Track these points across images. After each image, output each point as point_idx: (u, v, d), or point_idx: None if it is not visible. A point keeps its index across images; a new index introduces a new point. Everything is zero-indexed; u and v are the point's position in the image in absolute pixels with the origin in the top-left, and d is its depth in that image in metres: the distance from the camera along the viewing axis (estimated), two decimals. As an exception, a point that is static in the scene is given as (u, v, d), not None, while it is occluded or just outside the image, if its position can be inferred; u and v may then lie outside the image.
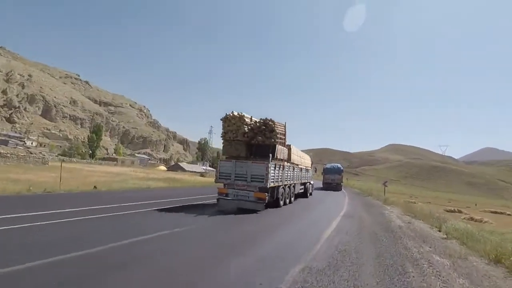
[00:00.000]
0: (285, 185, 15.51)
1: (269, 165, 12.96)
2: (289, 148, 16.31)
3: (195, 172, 59.16)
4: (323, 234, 8.67)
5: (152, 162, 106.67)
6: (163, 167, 73.04)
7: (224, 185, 13.77)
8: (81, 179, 23.08)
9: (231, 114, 14.08)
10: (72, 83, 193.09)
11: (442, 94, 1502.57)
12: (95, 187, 17.53)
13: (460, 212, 28.12)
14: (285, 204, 15.67)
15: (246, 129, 13.84)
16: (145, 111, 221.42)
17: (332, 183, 38.21)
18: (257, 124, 14.07)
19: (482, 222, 20.48)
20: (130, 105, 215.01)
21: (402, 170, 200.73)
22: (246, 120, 14.07)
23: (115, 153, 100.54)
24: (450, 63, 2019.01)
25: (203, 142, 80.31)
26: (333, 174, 39.16)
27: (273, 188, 13.82)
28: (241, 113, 14.27)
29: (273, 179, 13.59)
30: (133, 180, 26.05)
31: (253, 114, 14.85)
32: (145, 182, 25.52)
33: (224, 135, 14.22)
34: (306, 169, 22.18)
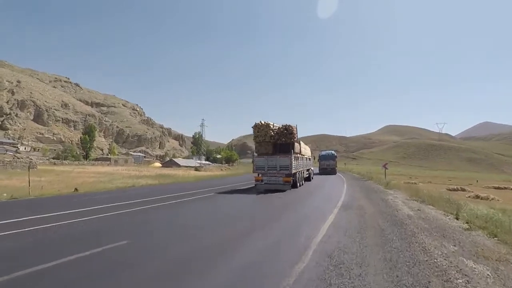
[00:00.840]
0: (299, 171, 20.92)
1: (292, 157, 18.41)
2: (299, 143, 21.13)
3: (189, 166, 57.76)
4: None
5: (148, 159, 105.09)
6: (158, 164, 71.59)
7: (258, 174, 19.08)
8: (67, 181, 22.14)
9: (260, 123, 19.56)
10: (62, 86, 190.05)
11: (436, 72, 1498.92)
12: (76, 189, 16.33)
13: (463, 190, 26.98)
14: (301, 185, 21.20)
15: (272, 133, 19.47)
16: (138, 109, 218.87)
17: (327, 168, 42.65)
18: (280, 129, 19.76)
19: (488, 200, 19.26)
20: (122, 104, 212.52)
21: (400, 151, 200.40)
22: (271, 126, 19.61)
23: (109, 153, 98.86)
24: (442, 41, 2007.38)
25: (197, 136, 78.61)
26: (327, 160, 43.43)
27: (294, 173, 18.88)
28: (267, 121, 19.74)
29: (294, 167, 18.87)
30: (122, 179, 24.73)
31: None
32: (134, 180, 24.24)
33: (255, 138, 19.82)
34: (308, 158, 27.35)
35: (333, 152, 46.43)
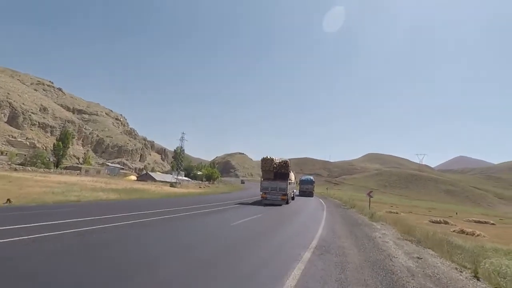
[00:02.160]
0: (290, 192, 28.81)
1: (287, 183, 26.52)
2: (290, 172, 29.09)
3: (166, 182, 55.06)
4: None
5: (125, 171, 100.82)
6: (133, 177, 68.22)
7: (264, 192, 26.53)
8: (14, 190, 19.53)
9: (266, 157, 27.87)
10: (44, 90, 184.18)
11: (417, 105, 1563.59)
12: (8, 200, 13.99)
13: (446, 223, 26.15)
14: (291, 201, 29.90)
15: (274, 165, 27.32)
16: (121, 119, 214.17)
17: (306, 191, 49.33)
18: (281, 163, 27.55)
19: (474, 235, 18.23)
20: (105, 113, 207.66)
21: (382, 178, 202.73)
22: (274, 160, 27.54)
23: (84, 162, 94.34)
24: (425, 74, 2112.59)
25: (178, 150, 76.13)
26: (307, 184, 50.44)
27: (287, 193, 26.33)
28: (271, 156, 27.94)
29: (288, 189, 26.49)
30: (80, 192, 22.34)
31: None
32: (94, 194, 21.97)
33: (262, 168, 27.78)
34: (294, 182, 35.97)
35: (311, 178, 53.71)
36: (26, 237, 7.44)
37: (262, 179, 27.44)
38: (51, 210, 12.91)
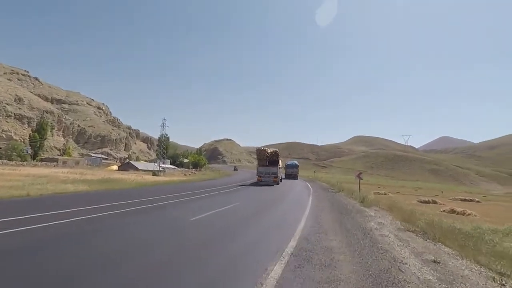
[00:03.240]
0: (279, 176, 34.95)
1: (277, 168, 33.38)
2: (279, 159, 35.85)
3: (149, 170, 53.15)
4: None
5: (110, 161, 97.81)
6: (114, 167, 65.78)
7: (259, 176, 33.07)
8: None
9: (261, 148, 35.07)
10: (19, 79, 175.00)
11: (403, 86, 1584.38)
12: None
13: (434, 202, 25.60)
14: (280, 183, 34.79)
15: (267, 154, 33.98)
16: (103, 108, 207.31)
17: (291, 174, 54.93)
18: (272, 152, 34.28)
19: (465, 215, 17.53)
20: (87, 102, 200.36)
21: (368, 160, 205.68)
22: (267, 150, 34.45)
23: (64, 153, 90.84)
24: (411, 58, 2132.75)
25: (162, 138, 73.71)
26: (292, 168, 56.09)
27: (278, 176, 32.89)
28: (265, 147, 35.91)
29: (278, 173, 33.21)
30: (46, 184, 20.45)
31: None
32: (63, 186, 20.14)
33: (258, 157, 34.85)
34: (281, 167, 43.08)
35: (296, 162, 60.31)
36: None
37: (258, 166, 34.98)
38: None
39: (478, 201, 34.21)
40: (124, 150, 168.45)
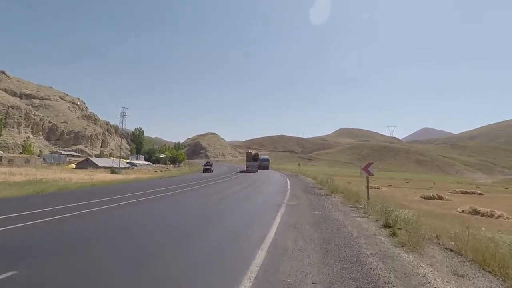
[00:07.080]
0: (257, 167, 64.56)
1: (258, 163, 66.33)
2: (259, 157, 70.79)
3: (108, 168, 46.97)
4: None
5: (77, 159, 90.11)
6: (73, 165, 58.72)
7: (247, 167, 60.24)
8: None
9: (249, 151, 79.29)
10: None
11: (386, 80, 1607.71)
12: None
13: (440, 198, 21.08)
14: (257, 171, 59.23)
15: (252, 154, 67.71)
16: (79, 103, 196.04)
17: (264, 166, 71.90)
18: (254, 154, 68.69)
19: (494, 218, 12.89)
20: (60, 97, 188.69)
21: (354, 152, 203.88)
22: (252, 152, 70.26)
23: (24, 151, 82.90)
24: (391, 52, 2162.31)
25: (137, 132, 66.63)
26: (264, 162, 74.60)
27: (257, 167, 62.34)
28: (250, 150, 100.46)
29: (258, 165, 64.72)
30: None
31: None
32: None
33: (246, 155, 67.95)
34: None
35: (267, 157, 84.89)
36: None
37: (246, 161, 61.82)
38: None
39: (480, 194, 30.35)
40: (101, 146, 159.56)
